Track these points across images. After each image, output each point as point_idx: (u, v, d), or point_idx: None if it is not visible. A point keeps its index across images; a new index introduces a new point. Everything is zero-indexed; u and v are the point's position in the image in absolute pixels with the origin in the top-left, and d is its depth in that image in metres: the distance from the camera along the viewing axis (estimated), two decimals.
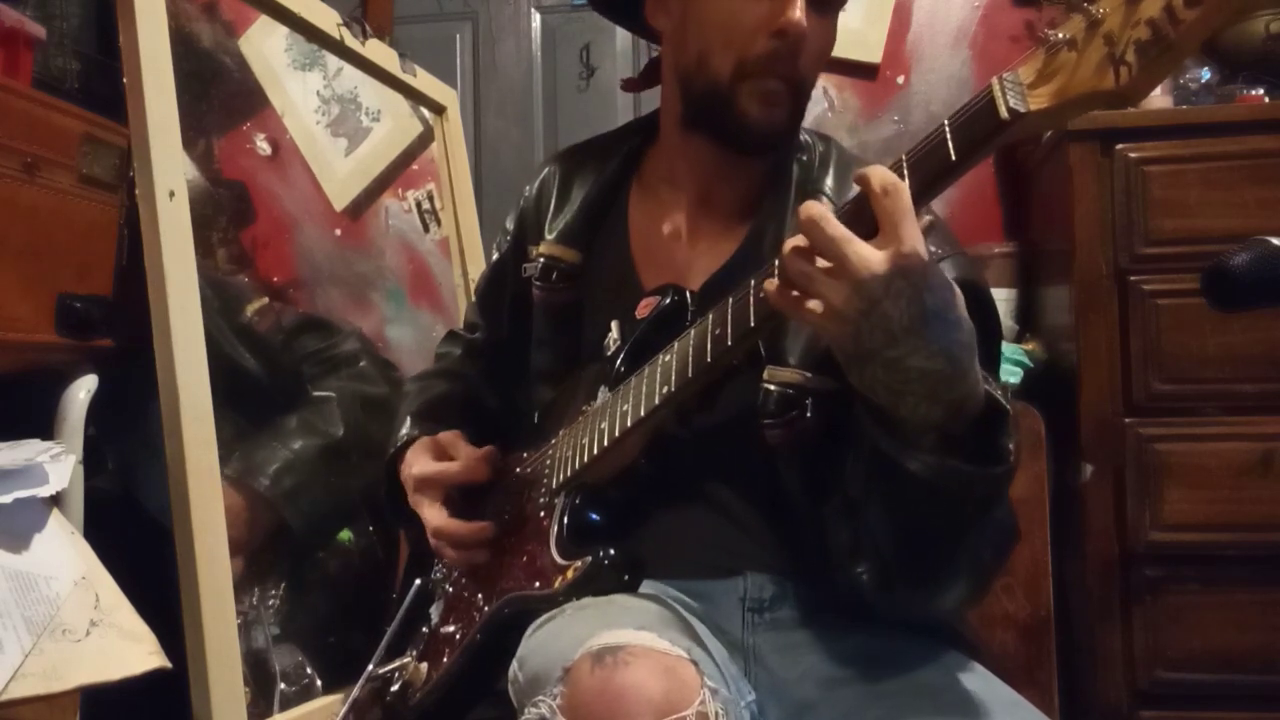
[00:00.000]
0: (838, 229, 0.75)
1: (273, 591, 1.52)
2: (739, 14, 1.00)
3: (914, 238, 0.74)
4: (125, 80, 1.19)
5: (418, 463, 1.16)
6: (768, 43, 0.99)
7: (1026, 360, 1.84)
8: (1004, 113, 0.72)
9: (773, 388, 0.98)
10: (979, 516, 0.83)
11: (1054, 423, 1.61)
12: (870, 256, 0.74)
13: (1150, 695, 1.60)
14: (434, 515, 1.13)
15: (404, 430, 1.23)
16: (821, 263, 0.77)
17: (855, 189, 0.79)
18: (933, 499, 0.80)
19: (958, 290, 0.79)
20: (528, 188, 1.26)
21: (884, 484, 0.83)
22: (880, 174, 0.75)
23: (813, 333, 0.98)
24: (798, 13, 0.97)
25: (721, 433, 1.04)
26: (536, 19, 2.54)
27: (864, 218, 0.77)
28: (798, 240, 0.79)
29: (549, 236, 1.17)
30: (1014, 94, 0.72)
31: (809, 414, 0.96)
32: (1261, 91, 1.79)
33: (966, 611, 0.97)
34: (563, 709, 0.79)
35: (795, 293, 0.79)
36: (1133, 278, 1.63)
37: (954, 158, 0.75)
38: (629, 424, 0.99)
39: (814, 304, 0.77)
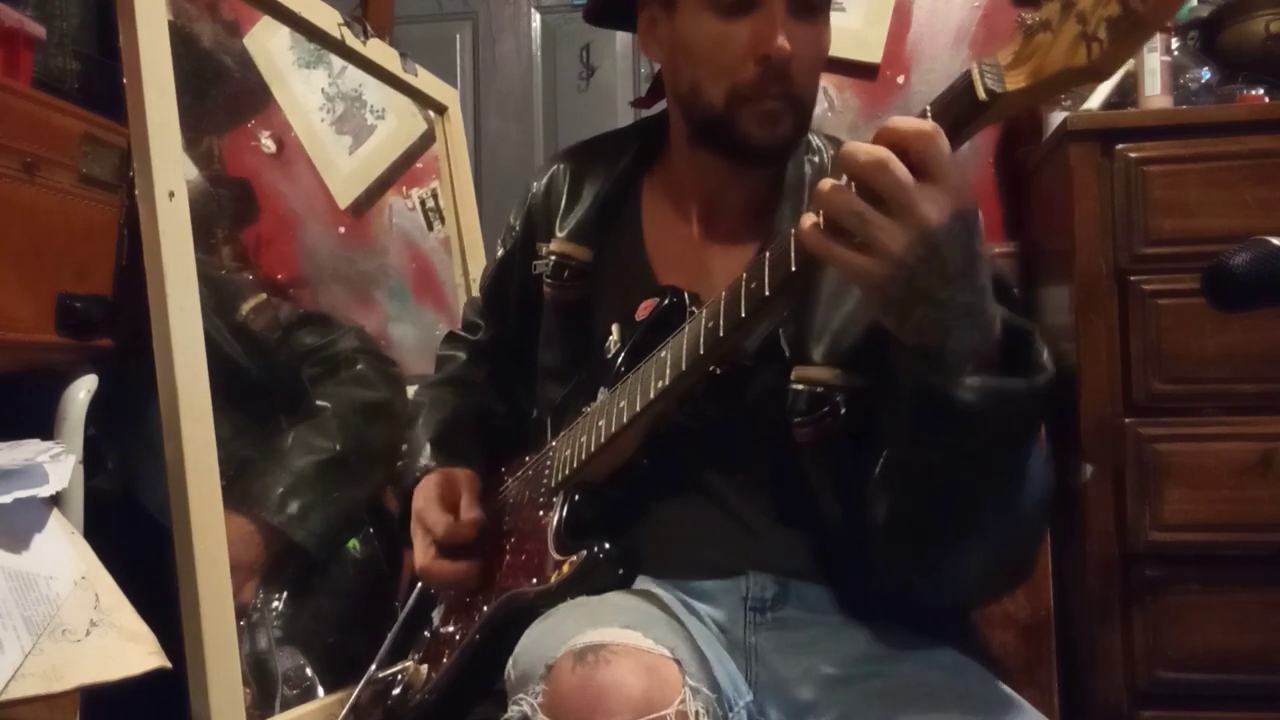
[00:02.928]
0: (904, 173, 0.73)
1: (277, 594, 1.52)
2: (723, 43, 0.99)
3: (960, 178, 0.74)
4: (125, 80, 1.19)
5: (420, 499, 1.17)
6: (755, 69, 0.98)
7: None
8: (982, 94, 0.73)
9: (801, 387, 0.98)
10: (1022, 438, 0.82)
11: (1054, 423, 1.60)
12: (935, 202, 0.73)
13: (1150, 695, 1.60)
14: (420, 555, 1.14)
15: (424, 459, 1.23)
16: (873, 209, 0.75)
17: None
18: (981, 426, 0.78)
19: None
20: (535, 184, 1.25)
21: (931, 424, 0.81)
22: (909, 122, 0.74)
23: (836, 331, 0.98)
24: (779, 39, 0.96)
25: (730, 433, 1.04)
26: (536, 19, 2.54)
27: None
28: (838, 183, 0.77)
29: (560, 234, 1.18)
30: (991, 76, 0.73)
31: (842, 410, 0.96)
32: (1261, 91, 1.78)
33: (1011, 580, 0.95)
34: (543, 706, 0.79)
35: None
36: (1133, 278, 1.63)
37: None
38: (625, 419, 0.99)
39: (860, 247, 0.76)
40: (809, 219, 0.79)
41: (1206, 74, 1.85)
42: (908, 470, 0.86)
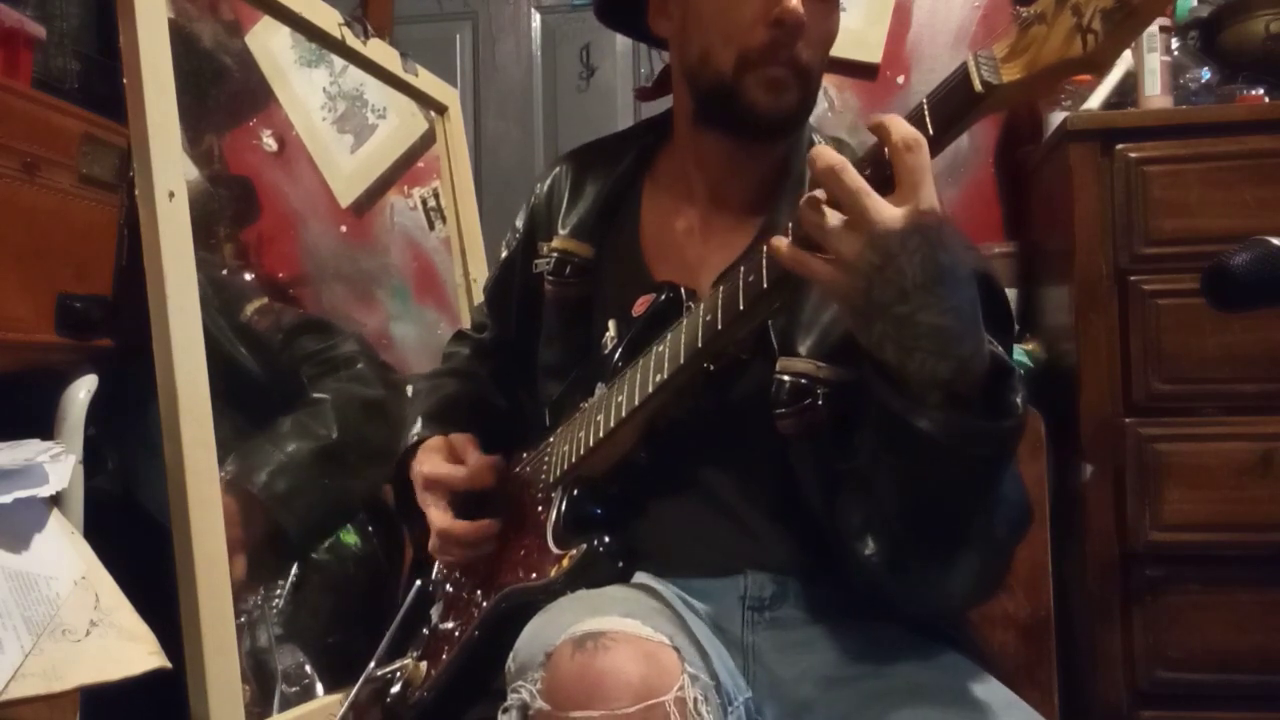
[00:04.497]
0: (856, 180, 0.75)
1: (276, 592, 1.52)
2: (736, 7, 1.00)
3: (932, 194, 0.74)
4: (125, 80, 1.19)
5: (428, 462, 1.17)
6: (766, 33, 0.99)
7: (1027, 360, 1.84)
8: (978, 86, 0.74)
9: (786, 378, 0.98)
10: (990, 478, 0.82)
11: (1054, 423, 1.60)
12: (888, 211, 0.74)
13: (1150, 695, 1.60)
14: (439, 516, 1.14)
15: (415, 429, 1.24)
16: (836, 216, 0.77)
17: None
18: (943, 458, 0.79)
19: (966, 248, 0.80)
20: (539, 185, 1.26)
21: (893, 447, 0.82)
22: (900, 127, 0.75)
23: (825, 325, 0.98)
24: (794, 1, 0.97)
25: (725, 430, 1.04)
26: (536, 19, 2.54)
27: (877, 172, 0.77)
28: (813, 193, 0.79)
29: (562, 231, 1.18)
30: (987, 68, 0.74)
31: (820, 402, 0.96)
32: (1261, 91, 1.78)
33: (984, 595, 0.95)
34: (543, 693, 0.80)
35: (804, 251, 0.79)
36: (1133, 278, 1.63)
37: (932, 132, 0.77)
38: (623, 414, 1.00)
39: (825, 257, 0.77)
40: (780, 239, 0.81)
41: (1206, 74, 1.85)
42: (873, 485, 0.87)
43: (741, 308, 0.88)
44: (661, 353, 0.97)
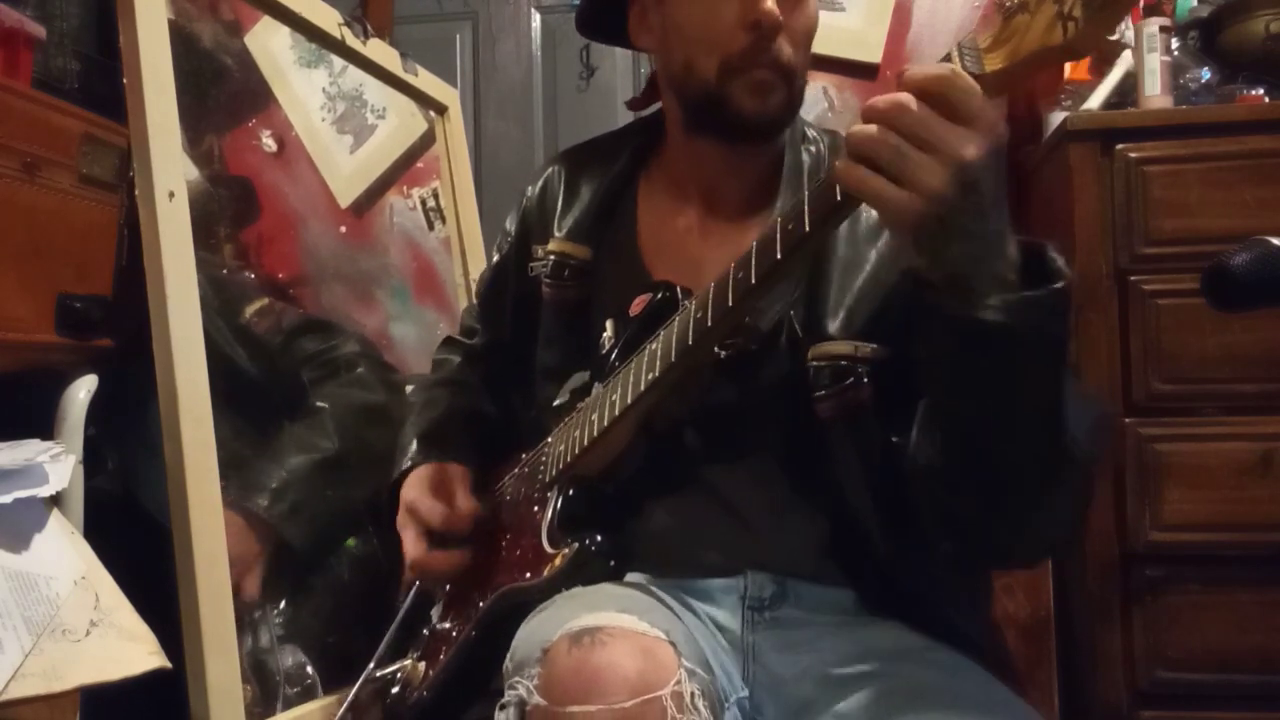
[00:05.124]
0: (928, 110, 0.73)
1: (278, 592, 1.52)
2: (713, 16, 1.01)
3: (992, 110, 0.73)
4: (125, 80, 1.19)
5: (414, 489, 1.18)
6: (746, 37, 1.00)
7: None
8: None
9: (822, 363, 0.98)
10: (1056, 354, 0.80)
11: None
12: (967, 137, 0.72)
13: (1150, 695, 1.60)
14: (412, 547, 1.15)
15: (411, 452, 1.24)
16: (911, 145, 0.73)
17: None
18: (1012, 342, 0.76)
19: None
20: (529, 188, 1.26)
21: (966, 353, 0.79)
22: (925, 67, 0.74)
23: (850, 306, 0.98)
24: (768, 3, 0.98)
25: (727, 428, 1.04)
26: (536, 19, 2.54)
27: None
28: (869, 126, 0.75)
29: (558, 234, 1.18)
30: (970, 58, 0.74)
31: (865, 380, 0.96)
32: (1261, 91, 1.78)
33: (1079, 514, 0.91)
34: (539, 689, 0.80)
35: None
36: (1133, 278, 1.63)
37: None
38: (616, 412, 1.00)
39: (895, 183, 0.74)
40: (845, 161, 0.77)
41: (1206, 74, 1.85)
42: (952, 413, 0.85)
43: (730, 303, 0.88)
44: (654, 351, 0.97)
